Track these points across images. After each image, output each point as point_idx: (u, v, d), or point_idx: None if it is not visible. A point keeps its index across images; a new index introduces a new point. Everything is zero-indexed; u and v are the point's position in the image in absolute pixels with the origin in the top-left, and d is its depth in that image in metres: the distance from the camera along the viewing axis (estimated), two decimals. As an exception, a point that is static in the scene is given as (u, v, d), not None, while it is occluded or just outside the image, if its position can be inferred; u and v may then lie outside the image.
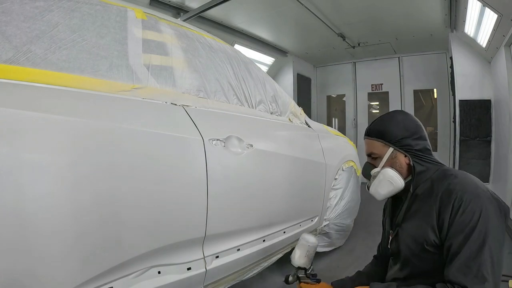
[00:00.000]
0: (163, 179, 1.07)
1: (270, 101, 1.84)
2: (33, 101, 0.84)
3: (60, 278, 0.84)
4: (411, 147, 1.00)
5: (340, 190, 2.31)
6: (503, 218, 0.85)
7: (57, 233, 0.82)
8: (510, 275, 1.88)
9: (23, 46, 0.90)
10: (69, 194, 0.84)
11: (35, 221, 0.78)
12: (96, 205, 0.90)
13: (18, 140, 0.77)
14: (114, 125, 0.98)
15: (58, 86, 0.93)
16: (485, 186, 0.89)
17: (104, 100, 1.01)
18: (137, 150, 1.01)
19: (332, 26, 4.11)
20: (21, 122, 0.79)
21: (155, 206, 1.05)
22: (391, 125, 1.04)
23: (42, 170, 0.80)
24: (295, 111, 2.06)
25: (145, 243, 1.05)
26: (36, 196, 0.78)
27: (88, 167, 0.89)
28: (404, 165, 1.02)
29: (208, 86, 1.43)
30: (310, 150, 1.98)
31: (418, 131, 1.02)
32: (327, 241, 2.29)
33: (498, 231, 0.82)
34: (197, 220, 1.20)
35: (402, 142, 1.01)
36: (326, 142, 2.17)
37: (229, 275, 1.44)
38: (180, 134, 1.16)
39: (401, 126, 1.02)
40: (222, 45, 1.69)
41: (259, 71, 1.88)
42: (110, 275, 0.97)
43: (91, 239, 0.90)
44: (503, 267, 0.83)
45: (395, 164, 1.02)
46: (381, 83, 5.44)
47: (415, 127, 1.02)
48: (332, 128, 2.68)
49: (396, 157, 1.02)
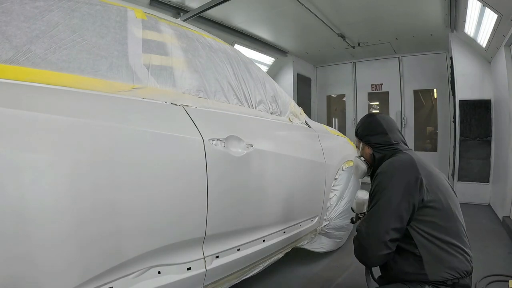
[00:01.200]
0: (163, 179, 1.07)
1: (270, 101, 1.84)
2: (33, 101, 0.84)
3: (60, 278, 0.84)
4: (370, 141, 1.38)
5: (340, 190, 2.31)
6: (405, 188, 1.11)
7: (57, 233, 0.82)
8: (510, 275, 1.89)
9: (23, 46, 0.90)
10: (69, 194, 0.84)
11: (35, 221, 0.78)
12: (96, 205, 0.90)
13: (17, 140, 0.77)
14: (114, 125, 0.97)
15: (58, 86, 0.93)
16: (406, 164, 1.18)
17: (104, 100, 1.01)
18: (137, 150, 1.01)
19: (332, 26, 4.11)
20: (21, 122, 0.79)
21: (155, 206, 1.05)
22: (360, 126, 1.44)
23: (42, 169, 0.80)
24: (295, 111, 2.06)
25: (145, 243, 1.05)
26: (35, 196, 0.78)
27: (88, 167, 0.89)
28: (368, 154, 1.40)
29: (208, 86, 1.42)
30: (310, 150, 1.98)
31: (377, 129, 1.36)
32: (327, 241, 2.29)
33: (387, 196, 1.12)
34: (197, 220, 1.20)
35: (364, 138, 1.41)
36: (326, 142, 2.17)
37: (229, 275, 1.44)
38: (180, 134, 1.16)
39: (365, 127, 1.41)
40: (222, 45, 1.69)
41: (259, 71, 1.88)
42: (110, 275, 0.96)
43: (91, 239, 0.90)
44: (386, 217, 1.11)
45: (364, 153, 1.42)
46: (381, 83, 5.44)
47: (375, 126, 1.37)
48: (332, 128, 2.68)
49: (364, 148, 1.42)
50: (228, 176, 1.33)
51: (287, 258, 2.01)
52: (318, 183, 2.03)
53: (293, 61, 5.42)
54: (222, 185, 1.29)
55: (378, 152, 1.35)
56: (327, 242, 2.29)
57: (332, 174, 2.19)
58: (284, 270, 2.09)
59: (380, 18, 3.84)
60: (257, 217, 1.54)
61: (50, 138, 0.83)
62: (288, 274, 2.05)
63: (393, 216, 1.10)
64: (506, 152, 3.10)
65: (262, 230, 1.59)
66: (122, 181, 0.96)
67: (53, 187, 0.81)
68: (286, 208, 1.75)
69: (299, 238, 1.97)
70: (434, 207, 1.11)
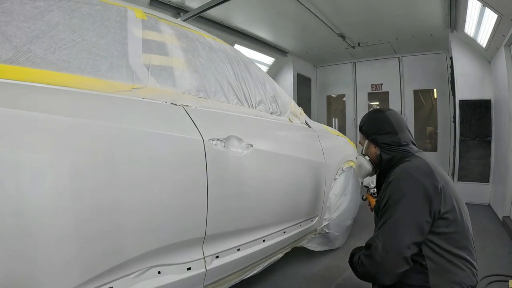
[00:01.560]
0: (163, 179, 1.07)
1: (270, 101, 1.84)
2: (33, 101, 0.84)
3: (60, 278, 0.84)
4: (377, 141, 1.29)
5: (340, 190, 2.31)
6: (425, 198, 1.03)
7: (57, 234, 0.82)
8: (510, 275, 1.89)
9: (23, 46, 0.90)
10: (68, 193, 0.84)
11: (36, 221, 0.78)
12: (96, 205, 0.90)
13: (18, 139, 0.77)
14: (114, 125, 0.98)
15: (58, 86, 0.93)
16: (423, 170, 1.10)
17: (104, 100, 1.01)
18: (137, 150, 1.01)
19: (332, 26, 4.11)
20: (21, 122, 0.79)
21: (154, 206, 1.05)
22: (366, 122, 1.35)
23: (42, 169, 0.80)
24: (295, 111, 2.06)
25: (145, 243, 1.05)
26: (36, 196, 0.78)
27: (88, 166, 0.89)
28: (375, 154, 1.33)
29: (208, 86, 1.42)
30: (310, 150, 1.98)
31: (386, 128, 1.26)
32: (326, 242, 2.29)
33: (406, 207, 1.04)
34: (197, 220, 1.20)
35: (370, 136, 1.32)
36: (326, 142, 2.18)
37: (229, 275, 1.44)
38: (180, 134, 1.16)
39: (372, 124, 1.32)
40: (222, 45, 1.69)
41: (259, 71, 1.88)
42: (110, 275, 0.97)
43: (91, 240, 0.90)
44: (407, 231, 1.02)
45: (369, 152, 1.35)
46: (381, 83, 5.45)
47: (383, 125, 1.27)
48: (332, 128, 2.69)
49: (369, 147, 1.35)
50: (228, 176, 1.33)
51: (287, 258, 2.02)
52: (318, 183, 2.03)
53: (293, 61, 5.43)
54: (222, 185, 1.29)
55: (386, 153, 1.26)
56: (327, 242, 2.30)
57: (332, 174, 2.19)
58: (284, 270, 2.09)
59: (380, 18, 3.84)
60: (257, 217, 1.54)
61: (50, 138, 0.83)
62: (288, 274, 2.05)
63: (414, 229, 1.02)
64: (506, 152, 3.10)
65: (262, 230, 1.59)
66: (121, 181, 0.96)
67: (53, 187, 0.82)
68: (286, 208, 1.75)
69: (299, 238, 1.98)
70: (448, 218, 1.05)
